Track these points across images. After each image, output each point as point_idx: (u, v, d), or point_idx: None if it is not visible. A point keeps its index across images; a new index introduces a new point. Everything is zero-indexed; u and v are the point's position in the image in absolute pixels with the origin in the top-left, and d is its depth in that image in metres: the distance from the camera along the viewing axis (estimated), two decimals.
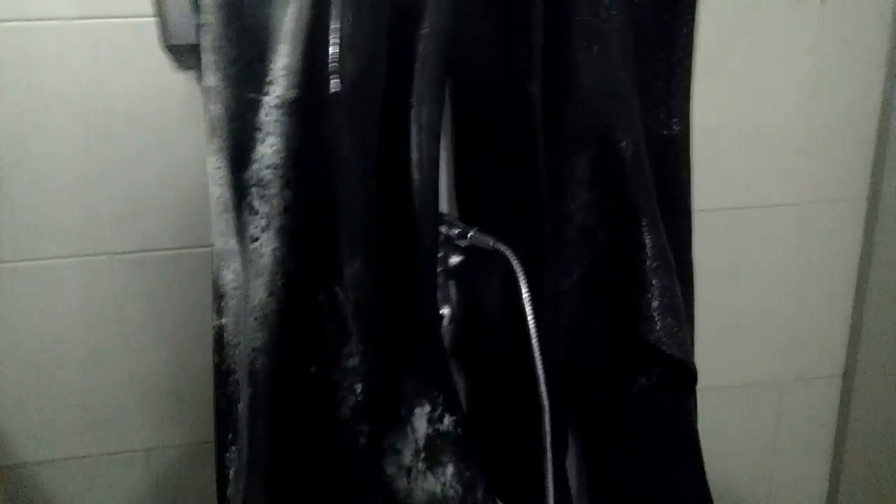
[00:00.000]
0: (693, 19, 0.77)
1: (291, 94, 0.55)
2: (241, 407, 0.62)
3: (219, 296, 0.63)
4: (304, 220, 0.56)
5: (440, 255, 0.77)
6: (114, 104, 0.81)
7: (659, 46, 0.76)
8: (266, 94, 0.57)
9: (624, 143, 0.73)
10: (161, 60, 0.79)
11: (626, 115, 0.73)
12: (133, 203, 0.85)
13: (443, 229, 0.78)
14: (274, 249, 0.57)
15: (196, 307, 0.86)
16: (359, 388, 0.58)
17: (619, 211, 0.75)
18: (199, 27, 0.62)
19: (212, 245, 0.67)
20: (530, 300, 0.73)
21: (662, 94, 0.78)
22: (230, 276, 0.62)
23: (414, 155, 0.65)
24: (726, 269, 0.96)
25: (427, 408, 0.68)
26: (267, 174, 0.57)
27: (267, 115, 0.57)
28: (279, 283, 0.57)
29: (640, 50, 0.75)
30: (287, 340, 0.57)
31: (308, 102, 0.55)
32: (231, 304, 0.62)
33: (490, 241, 0.76)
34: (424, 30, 0.64)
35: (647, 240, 0.75)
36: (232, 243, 0.61)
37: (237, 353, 0.62)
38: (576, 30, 0.69)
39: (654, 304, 0.74)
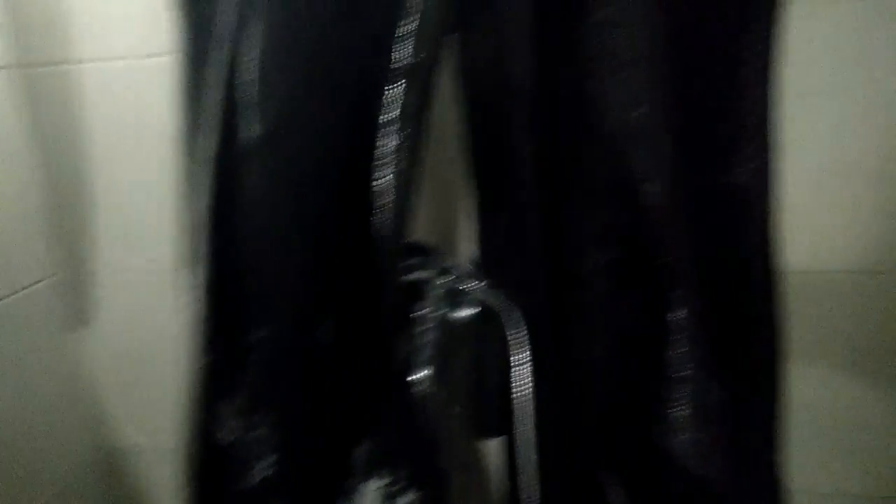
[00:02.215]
0: (771, 34, 0.58)
1: (212, 144, 0.53)
2: None
3: None
4: (216, 281, 0.53)
5: (440, 307, 0.69)
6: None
7: (718, 70, 0.59)
8: (202, 145, 0.55)
9: (648, 189, 0.58)
10: None
11: (651, 155, 0.58)
12: None
13: (448, 280, 0.70)
14: (199, 300, 0.56)
15: None
16: (271, 458, 0.55)
17: (646, 276, 0.61)
18: None
19: None
20: (529, 370, 0.63)
21: (724, 133, 0.60)
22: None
23: (378, 217, 0.58)
24: (830, 348, 0.73)
25: (383, 481, 0.62)
26: (200, 229, 0.55)
27: (202, 168, 0.55)
28: (197, 337, 0.55)
29: (687, 75, 0.59)
30: (201, 398, 0.55)
31: (225, 153, 0.52)
32: None
33: (496, 298, 0.67)
34: (402, 64, 0.57)
35: (679, 317, 0.59)
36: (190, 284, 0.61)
37: None
38: (589, 55, 0.56)
39: (677, 404, 0.58)
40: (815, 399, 0.75)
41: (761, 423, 0.64)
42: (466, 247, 0.83)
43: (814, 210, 0.70)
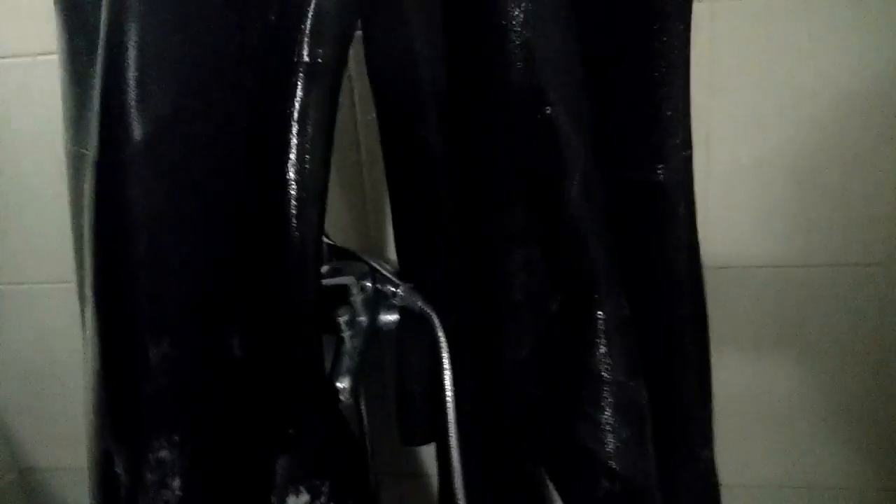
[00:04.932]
0: (684, 29, 0.58)
1: (95, 149, 0.49)
2: None
3: None
4: (105, 296, 0.49)
5: (362, 313, 0.67)
6: None
7: (632, 66, 0.58)
8: (87, 150, 0.51)
9: (566, 186, 0.57)
10: None
11: (568, 151, 0.56)
12: None
13: (370, 285, 0.68)
14: (92, 318, 0.52)
15: None
16: (176, 483, 0.51)
17: (566, 274, 0.60)
18: None
19: None
20: (450, 375, 0.61)
21: (642, 130, 0.59)
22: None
23: (291, 220, 0.55)
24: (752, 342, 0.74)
25: (305, 496, 0.59)
26: (87, 241, 0.51)
27: (89, 175, 0.51)
28: (94, 359, 0.51)
29: (600, 70, 0.58)
30: (99, 423, 0.51)
31: (106, 159, 0.48)
32: None
33: (418, 302, 0.65)
34: (303, 62, 0.54)
35: (600, 316, 0.58)
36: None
37: None
38: (502, 48, 0.55)
39: (600, 402, 0.57)
40: (741, 393, 0.76)
41: (688, 420, 0.64)
42: (388, 250, 0.80)
43: (730, 205, 0.70)
